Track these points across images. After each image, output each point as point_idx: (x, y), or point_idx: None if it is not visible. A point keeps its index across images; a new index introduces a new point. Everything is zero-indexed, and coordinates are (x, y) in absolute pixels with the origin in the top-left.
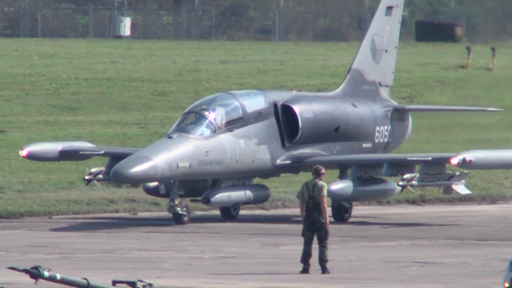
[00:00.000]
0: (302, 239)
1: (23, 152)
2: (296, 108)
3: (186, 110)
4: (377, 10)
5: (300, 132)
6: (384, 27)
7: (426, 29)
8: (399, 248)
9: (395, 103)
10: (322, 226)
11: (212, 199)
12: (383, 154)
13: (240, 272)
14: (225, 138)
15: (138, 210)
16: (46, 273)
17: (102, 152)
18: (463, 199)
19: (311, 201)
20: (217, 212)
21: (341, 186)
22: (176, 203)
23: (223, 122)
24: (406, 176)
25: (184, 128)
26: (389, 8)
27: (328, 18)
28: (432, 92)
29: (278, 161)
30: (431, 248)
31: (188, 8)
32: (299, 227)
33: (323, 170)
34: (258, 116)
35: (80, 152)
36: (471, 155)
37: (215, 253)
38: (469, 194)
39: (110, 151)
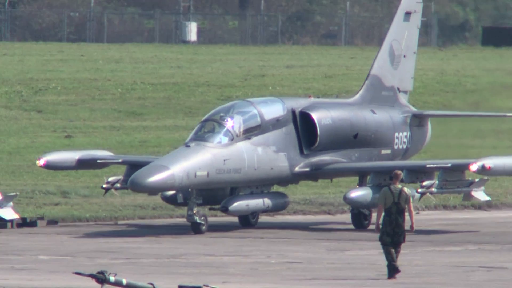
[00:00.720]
0: (367, 245)
1: (41, 162)
2: (315, 115)
3: (203, 118)
4: (395, 16)
5: (318, 139)
6: (403, 33)
7: (492, 34)
8: (465, 253)
9: (413, 108)
10: (402, 231)
11: (230, 208)
12: (402, 161)
13: (306, 277)
14: (243, 146)
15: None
16: (112, 278)
17: (120, 160)
18: None
19: (395, 207)
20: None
21: (361, 193)
22: (194, 212)
23: (241, 130)
24: (425, 183)
25: (202, 136)
26: (407, 14)
27: None
28: (499, 97)
29: (297, 169)
30: (498, 253)
31: (253, 13)
32: (364, 232)
33: (402, 175)
34: (276, 123)
35: (98, 161)
36: (490, 162)
37: (281, 258)
38: (488, 200)
39: (128, 160)
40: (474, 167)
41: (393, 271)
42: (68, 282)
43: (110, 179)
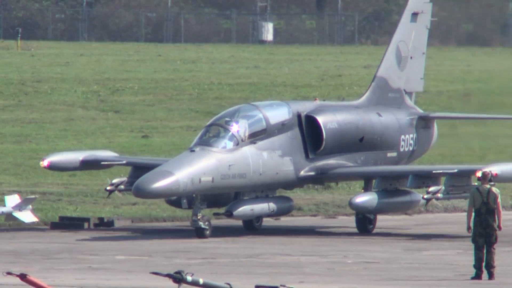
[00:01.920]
0: (445, 244)
1: (44, 163)
2: (320, 119)
3: (208, 123)
4: (402, 16)
5: (324, 143)
6: (410, 34)
7: None
8: None
9: (420, 110)
10: (493, 231)
11: (235, 213)
12: (408, 166)
13: (382, 277)
14: (248, 150)
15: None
16: (189, 278)
17: (124, 162)
18: None
19: (484, 207)
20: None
21: (366, 198)
22: (198, 217)
23: (246, 134)
24: (431, 189)
25: (206, 141)
26: (415, 15)
27: (471, 23)
28: None
29: (302, 173)
30: None
31: (330, 13)
32: (441, 232)
33: (490, 175)
34: (282, 127)
35: (102, 162)
36: (496, 168)
37: (358, 258)
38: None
39: (132, 161)
40: (480, 174)
41: (478, 274)
42: (145, 282)
43: (114, 181)
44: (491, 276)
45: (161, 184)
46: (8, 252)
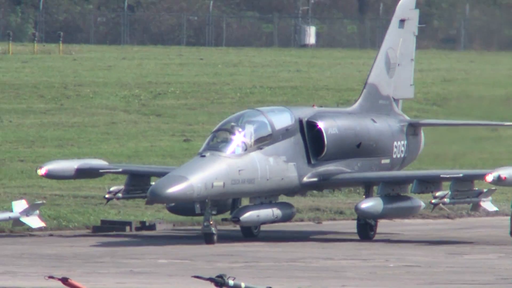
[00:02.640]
0: (486, 248)
1: (42, 171)
2: (321, 125)
3: (215, 128)
4: (390, 23)
5: (326, 148)
6: (397, 41)
7: None
8: None
9: (408, 117)
10: None
11: (242, 218)
12: (412, 171)
13: (425, 281)
14: (256, 156)
15: (322, 219)
16: (231, 282)
17: (120, 170)
18: None
19: None
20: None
21: (371, 204)
22: (210, 223)
23: (253, 139)
24: (438, 193)
25: (215, 146)
26: (402, 21)
27: None
28: None
29: (305, 179)
30: None
31: (372, 17)
32: (482, 235)
33: None
34: (286, 133)
35: (100, 170)
36: (505, 172)
37: (399, 262)
38: (496, 211)
39: (128, 169)
40: (490, 178)
41: None
42: (187, 286)
43: (112, 188)
44: None
45: (176, 189)
46: (50, 256)
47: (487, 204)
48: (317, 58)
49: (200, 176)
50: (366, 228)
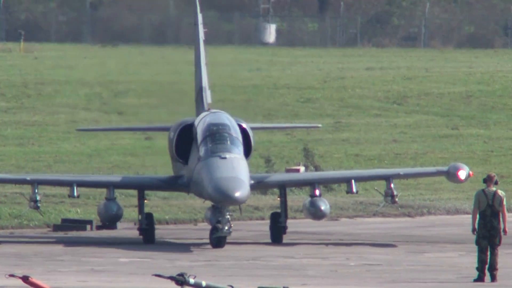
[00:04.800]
0: (447, 247)
1: None
2: (246, 125)
3: (211, 131)
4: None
5: (252, 149)
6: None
7: None
8: None
9: None
10: (497, 234)
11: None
12: (349, 171)
13: (385, 279)
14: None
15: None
16: (192, 280)
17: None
18: None
19: (489, 209)
20: None
21: (328, 205)
22: (231, 225)
23: (241, 141)
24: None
25: (224, 147)
26: (194, 24)
27: (473, 25)
28: None
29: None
30: None
31: (333, 16)
32: (443, 234)
33: (496, 177)
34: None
35: None
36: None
37: (360, 260)
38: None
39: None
40: (463, 174)
41: (481, 276)
42: (147, 284)
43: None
44: (493, 278)
45: (243, 191)
46: (11, 255)
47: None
48: (278, 57)
49: (246, 178)
50: (280, 231)
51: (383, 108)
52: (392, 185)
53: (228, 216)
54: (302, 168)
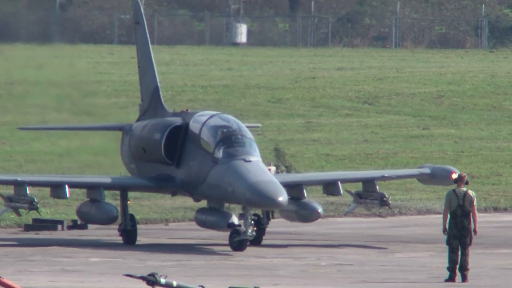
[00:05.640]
0: (418, 247)
1: None
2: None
3: (227, 134)
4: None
5: None
6: None
7: None
8: None
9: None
10: (468, 234)
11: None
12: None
13: (356, 279)
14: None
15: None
16: (163, 280)
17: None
18: None
19: (460, 209)
20: None
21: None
22: (255, 228)
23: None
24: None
25: (245, 150)
26: (136, 23)
27: (444, 25)
28: None
29: None
30: None
31: (304, 15)
32: (414, 234)
33: (467, 177)
34: None
35: None
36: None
37: (331, 260)
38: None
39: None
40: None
41: (452, 276)
42: (118, 284)
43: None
44: (464, 278)
45: (285, 195)
46: None
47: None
48: (249, 56)
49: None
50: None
51: (354, 108)
52: (377, 187)
53: (251, 220)
54: (273, 168)
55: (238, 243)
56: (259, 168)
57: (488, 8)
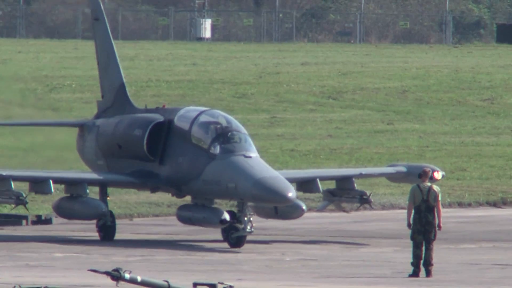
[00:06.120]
0: (382, 242)
1: None
2: None
3: (225, 130)
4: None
5: None
6: None
7: (507, 31)
8: (480, 251)
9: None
10: (432, 229)
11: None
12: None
13: (320, 274)
14: None
15: None
16: (127, 275)
17: None
18: None
19: (424, 204)
20: None
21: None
22: (253, 225)
23: None
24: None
25: (243, 146)
26: (96, 20)
27: (409, 20)
28: None
29: None
30: None
31: (268, 10)
32: (378, 229)
33: (431, 172)
34: None
35: None
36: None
37: (295, 255)
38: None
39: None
40: (439, 175)
41: (416, 272)
42: (83, 279)
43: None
44: (428, 273)
45: (294, 191)
46: None
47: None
48: (213, 52)
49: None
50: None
51: (319, 103)
52: (355, 185)
53: (250, 216)
54: None
55: (236, 239)
56: (261, 164)
57: (453, 4)
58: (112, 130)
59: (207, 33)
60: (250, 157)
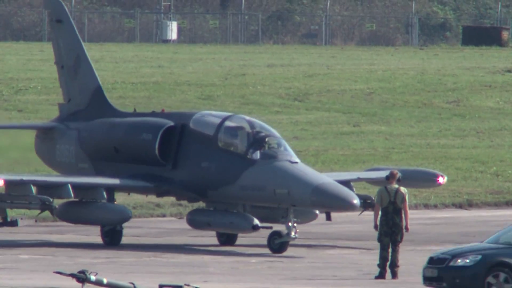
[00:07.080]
0: (348, 244)
1: None
2: None
3: (263, 135)
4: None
5: None
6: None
7: (472, 34)
8: None
9: None
10: (399, 230)
11: None
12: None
13: (286, 276)
14: None
15: (184, 214)
16: (93, 277)
17: None
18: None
19: (391, 206)
20: None
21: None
22: (297, 231)
23: None
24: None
25: (286, 152)
26: (58, 22)
27: (375, 22)
28: (478, 96)
29: None
30: None
31: (234, 12)
32: (344, 231)
33: (398, 174)
34: None
35: None
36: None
37: (261, 257)
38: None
39: None
40: (442, 180)
41: (382, 273)
42: (48, 282)
43: None
44: (394, 275)
45: (357, 197)
46: None
47: None
48: (179, 54)
49: None
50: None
51: (284, 105)
52: (354, 190)
53: (294, 222)
54: None
55: (279, 245)
56: (311, 169)
57: (419, 5)
58: (104, 133)
59: (173, 35)
60: (296, 162)
